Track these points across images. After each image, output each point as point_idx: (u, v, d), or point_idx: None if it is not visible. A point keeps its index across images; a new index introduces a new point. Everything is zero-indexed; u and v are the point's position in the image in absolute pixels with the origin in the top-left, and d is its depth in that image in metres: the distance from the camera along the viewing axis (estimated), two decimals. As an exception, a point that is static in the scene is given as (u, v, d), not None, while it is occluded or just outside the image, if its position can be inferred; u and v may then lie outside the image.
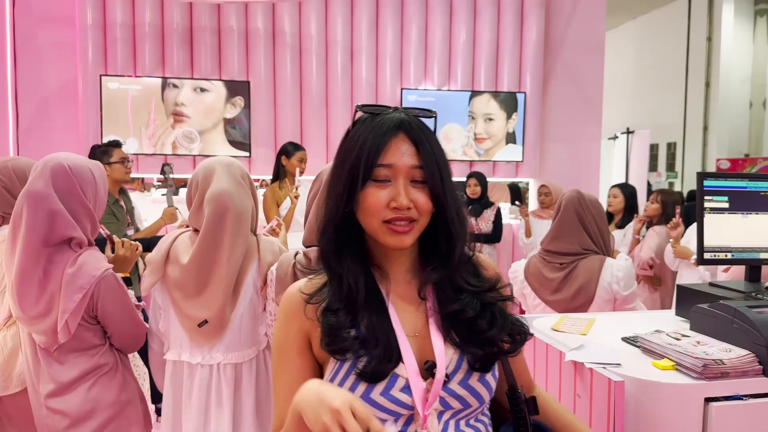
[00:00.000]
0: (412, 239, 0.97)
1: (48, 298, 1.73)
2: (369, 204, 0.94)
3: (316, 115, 5.39)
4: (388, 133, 0.95)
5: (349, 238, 1.00)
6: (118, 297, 1.79)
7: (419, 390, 0.95)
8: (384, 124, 0.96)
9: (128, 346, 1.90)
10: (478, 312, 0.99)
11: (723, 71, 13.20)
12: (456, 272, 1.01)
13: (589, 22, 5.79)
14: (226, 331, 1.93)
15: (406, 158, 0.94)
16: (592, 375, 1.44)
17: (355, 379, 0.94)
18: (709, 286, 1.82)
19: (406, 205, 0.93)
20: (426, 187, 0.95)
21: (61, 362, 1.78)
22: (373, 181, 0.95)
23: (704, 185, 1.75)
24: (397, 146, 0.94)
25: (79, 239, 1.76)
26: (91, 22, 5.01)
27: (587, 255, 2.29)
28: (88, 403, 1.77)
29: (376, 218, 0.95)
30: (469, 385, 0.98)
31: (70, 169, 1.75)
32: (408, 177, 0.95)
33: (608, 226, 2.34)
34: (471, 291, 1.01)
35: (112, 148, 3.40)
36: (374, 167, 0.94)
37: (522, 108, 5.58)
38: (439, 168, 0.96)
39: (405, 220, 0.95)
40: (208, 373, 1.94)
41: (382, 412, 0.94)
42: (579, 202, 2.30)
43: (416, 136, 0.95)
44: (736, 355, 1.38)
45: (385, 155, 0.94)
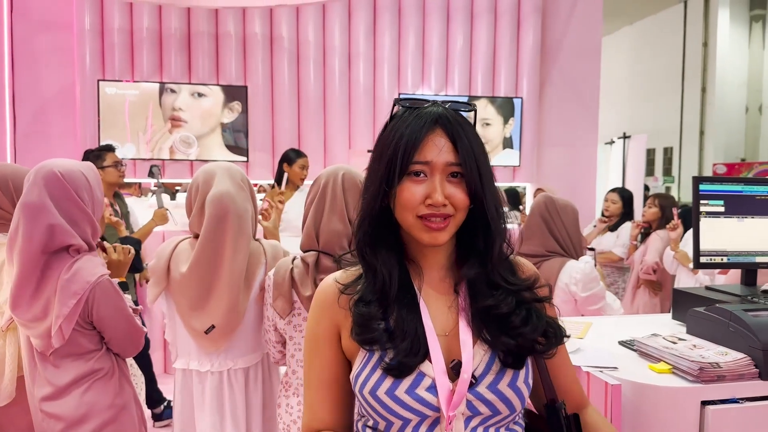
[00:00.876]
0: (447, 236, 0.95)
1: (44, 303, 1.73)
2: (404, 199, 0.93)
3: (314, 120, 5.40)
4: (425, 128, 0.93)
5: (385, 233, 0.99)
6: (113, 302, 1.78)
7: (445, 390, 0.92)
8: (421, 119, 0.94)
9: (126, 350, 1.89)
10: (513, 309, 0.97)
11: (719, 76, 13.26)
12: (494, 269, 0.99)
13: (586, 28, 5.81)
14: (236, 335, 1.93)
15: (443, 154, 0.93)
16: (589, 378, 1.44)
17: (381, 372, 0.93)
18: (706, 290, 1.82)
19: (441, 202, 0.92)
20: (463, 181, 0.94)
21: (57, 366, 1.77)
22: (409, 176, 0.94)
23: (700, 189, 1.76)
24: (434, 141, 0.93)
25: (78, 245, 1.76)
26: (89, 28, 5.02)
27: (551, 257, 2.36)
28: (83, 408, 1.76)
29: (411, 213, 0.94)
30: (499, 389, 0.94)
31: (63, 175, 1.74)
32: (445, 173, 0.94)
33: (580, 230, 2.41)
34: (507, 289, 0.98)
35: (105, 152, 3.39)
36: (411, 163, 0.93)
37: (519, 113, 5.60)
38: (477, 163, 0.94)
39: (440, 216, 0.93)
40: (218, 380, 1.93)
41: (408, 411, 0.93)
42: (546, 207, 2.38)
43: (454, 130, 0.94)
44: (733, 358, 1.39)
45: (421, 151, 0.93)
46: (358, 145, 5.44)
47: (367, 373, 0.95)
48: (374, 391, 0.94)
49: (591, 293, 2.30)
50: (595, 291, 2.31)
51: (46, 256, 1.72)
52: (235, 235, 1.87)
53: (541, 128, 5.81)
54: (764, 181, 1.82)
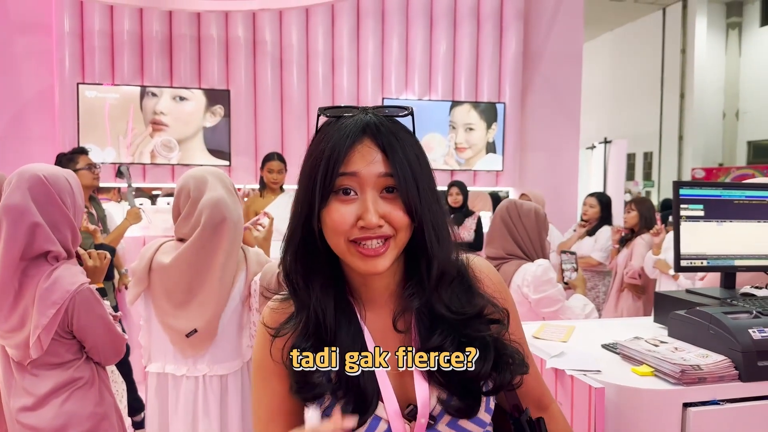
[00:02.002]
0: (388, 261, 0.82)
1: (21, 313, 1.70)
2: (333, 222, 0.80)
3: (297, 124, 5.38)
4: (351, 138, 0.80)
5: (318, 261, 0.86)
6: (94, 311, 1.76)
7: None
8: (346, 128, 0.81)
9: (107, 358, 1.86)
10: (457, 346, 0.85)
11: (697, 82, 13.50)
12: (436, 297, 0.85)
13: (568, 34, 5.88)
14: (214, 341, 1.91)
15: (373, 165, 0.80)
16: (573, 382, 1.45)
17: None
18: (686, 293, 1.85)
19: (375, 224, 0.79)
20: (399, 197, 0.81)
21: (35, 375, 1.74)
22: (336, 195, 0.81)
23: (680, 194, 1.78)
24: (362, 153, 0.80)
25: (57, 253, 1.73)
26: (69, 30, 4.95)
27: (509, 260, 2.40)
28: (61, 418, 1.72)
29: (342, 238, 0.81)
30: (459, 426, 0.86)
31: (47, 179, 1.72)
32: (377, 188, 0.81)
33: (545, 234, 2.45)
34: (452, 320, 0.86)
35: (77, 155, 3.33)
36: (335, 177, 0.80)
37: (502, 118, 5.64)
38: (414, 174, 0.81)
39: (377, 238, 0.80)
40: (194, 385, 1.91)
41: None
42: (507, 211, 2.43)
43: (384, 139, 0.81)
44: (713, 360, 1.40)
45: (347, 163, 0.80)
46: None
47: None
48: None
49: (543, 295, 2.31)
50: (549, 293, 2.32)
51: (24, 263, 1.69)
52: (229, 242, 1.87)
53: (524, 133, 5.86)
54: (743, 185, 1.85)
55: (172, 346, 1.92)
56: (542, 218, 2.46)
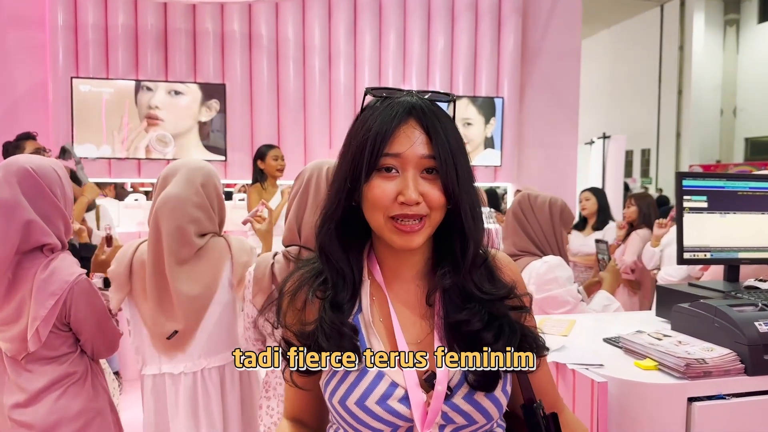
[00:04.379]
0: (422, 239, 0.87)
1: (17, 305, 1.67)
2: (374, 197, 0.85)
3: (294, 119, 5.34)
4: (397, 119, 0.85)
5: (353, 234, 0.91)
6: (92, 302, 1.74)
7: (419, 403, 0.86)
8: (392, 109, 0.86)
9: (100, 351, 1.83)
10: (485, 323, 0.88)
11: (695, 79, 13.51)
12: (468, 278, 0.90)
13: (565, 30, 5.85)
14: (205, 336, 1.87)
15: (417, 147, 0.84)
16: (575, 376, 1.41)
17: (352, 381, 0.87)
18: (689, 286, 1.82)
19: (414, 200, 0.83)
20: (439, 178, 0.86)
21: (30, 371, 1.71)
22: (379, 172, 0.85)
23: (683, 185, 1.75)
24: (407, 133, 0.85)
25: (53, 245, 1.71)
26: (62, 24, 4.90)
27: (522, 256, 2.27)
28: (55, 414, 1.70)
29: (382, 214, 0.85)
30: (475, 400, 0.88)
31: (35, 171, 1.68)
32: (418, 168, 0.85)
33: (561, 228, 2.30)
34: (482, 299, 0.90)
35: (23, 141, 3.25)
36: (380, 156, 0.84)
37: (500, 113, 5.61)
38: (454, 158, 0.85)
39: (413, 217, 0.85)
40: (192, 381, 1.87)
41: (379, 422, 0.86)
42: (520, 206, 2.31)
43: (428, 122, 0.85)
44: (718, 354, 1.37)
45: (392, 143, 0.84)
46: (339, 144, 5.30)
47: (337, 381, 0.89)
48: (344, 401, 0.88)
49: (547, 296, 2.14)
50: (554, 294, 2.14)
51: (17, 256, 1.67)
52: (170, 240, 1.78)
53: (522, 129, 5.83)
54: (746, 176, 1.82)
55: (154, 348, 1.87)
56: (558, 211, 2.30)
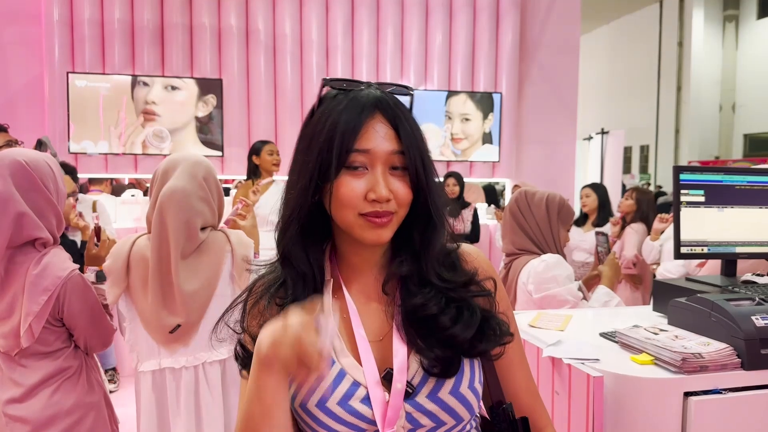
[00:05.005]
0: (390, 233, 0.85)
1: (9, 301, 1.65)
2: (344, 196, 0.82)
3: (291, 114, 5.32)
4: (365, 113, 0.81)
5: (314, 235, 0.88)
6: (85, 298, 1.73)
7: (379, 402, 0.82)
8: (358, 102, 0.82)
9: (94, 346, 1.83)
10: (443, 308, 0.85)
11: (694, 75, 13.49)
12: (428, 266, 0.87)
13: (564, 25, 5.83)
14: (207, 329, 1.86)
15: (385, 143, 0.82)
16: (571, 371, 1.40)
17: (311, 384, 0.82)
18: (686, 281, 1.80)
19: (386, 197, 0.81)
20: (406, 174, 0.84)
21: (24, 366, 1.70)
22: (347, 169, 0.82)
23: (680, 179, 1.73)
24: (375, 128, 0.82)
25: (45, 239, 1.69)
26: (58, 19, 4.87)
27: (521, 255, 2.24)
28: (50, 409, 1.69)
29: (352, 211, 0.82)
30: (440, 398, 0.84)
31: (28, 164, 1.67)
32: (387, 164, 0.82)
33: (558, 226, 2.25)
34: (440, 286, 0.87)
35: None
36: (350, 153, 0.81)
37: (498, 108, 5.59)
38: (421, 153, 0.84)
39: (383, 214, 0.82)
40: (193, 375, 1.86)
41: (341, 425, 0.83)
42: (516, 203, 2.26)
43: (395, 115, 0.83)
44: (715, 348, 1.36)
45: (361, 139, 0.81)
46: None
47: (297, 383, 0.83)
48: (305, 404, 0.84)
49: (546, 294, 2.09)
50: (553, 293, 2.09)
51: (10, 251, 1.65)
52: (177, 234, 1.77)
53: (521, 124, 5.81)
54: (744, 170, 1.81)
55: (156, 343, 1.86)
56: (556, 207, 2.25)
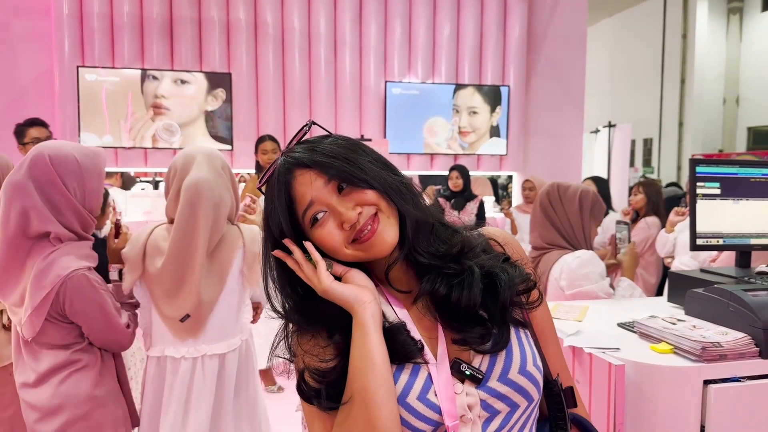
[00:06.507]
0: (391, 232, 0.86)
1: (21, 291, 1.68)
2: (327, 245, 0.86)
3: (299, 108, 5.34)
4: (286, 183, 0.87)
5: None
6: (88, 298, 1.70)
7: (451, 394, 0.84)
8: (279, 180, 0.88)
9: (108, 346, 1.81)
10: (451, 286, 0.86)
11: (697, 68, 13.43)
12: (415, 249, 0.88)
13: (571, 18, 5.83)
14: (213, 322, 1.89)
15: (316, 185, 0.86)
16: (592, 360, 1.44)
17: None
18: (701, 272, 1.83)
19: (354, 218, 0.84)
20: (351, 185, 0.86)
21: (38, 352, 1.73)
22: (313, 226, 0.87)
23: (697, 171, 1.76)
24: (302, 184, 0.86)
25: (57, 233, 1.69)
26: (68, 12, 4.89)
27: (551, 250, 2.21)
28: (57, 398, 1.70)
29: (343, 248, 0.86)
30: (510, 380, 0.85)
31: (51, 159, 1.67)
32: (332, 195, 0.86)
33: (590, 221, 2.21)
34: (434, 265, 0.88)
35: (26, 127, 3.19)
36: (304, 219, 0.87)
37: (506, 101, 5.60)
38: (345, 162, 0.86)
39: (366, 225, 0.85)
40: (191, 366, 1.90)
41: (420, 421, 0.83)
42: (547, 197, 2.23)
43: (305, 160, 0.87)
44: (733, 338, 1.40)
45: (300, 203, 0.86)
46: (344, 133, 5.37)
47: None
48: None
49: (578, 291, 2.07)
50: (586, 290, 2.07)
51: (30, 241, 1.67)
52: (207, 223, 1.82)
53: (528, 117, 5.83)
54: (759, 163, 1.83)
55: (169, 330, 1.90)
56: (589, 203, 2.20)
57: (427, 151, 5.61)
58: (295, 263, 0.87)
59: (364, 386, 0.81)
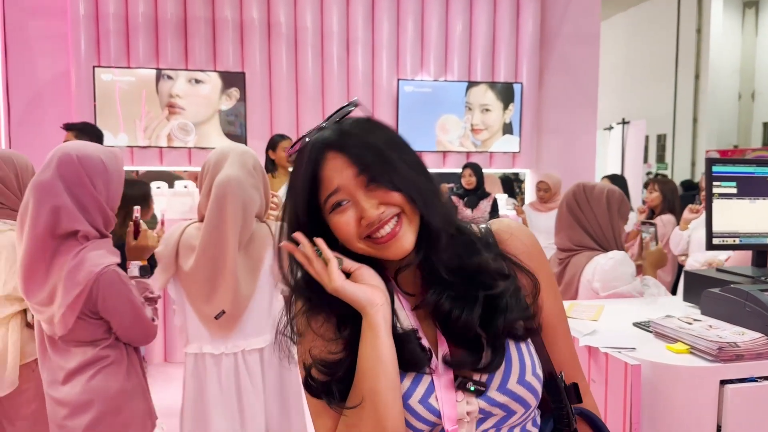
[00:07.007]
0: (410, 237, 0.85)
1: (50, 289, 1.71)
2: (341, 233, 0.85)
3: (312, 106, 5.36)
4: (317, 161, 0.85)
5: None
6: (120, 294, 1.74)
7: (453, 401, 0.86)
8: (310, 155, 0.86)
9: (132, 340, 1.85)
10: (453, 302, 0.86)
11: (712, 63, 13.28)
12: (435, 258, 0.87)
13: (584, 13, 5.80)
14: (246, 318, 1.92)
15: (347, 172, 0.84)
16: (608, 359, 1.44)
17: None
18: (717, 272, 1.83)
19: (376, 217, 0.83)
20: (381, 183, 0.84)
21: (65, 350, 1.76)
22: (333, 211, 0.85)
23: (713, 171, 1.76)
24: (334, 167, 0.84)
25: (86, 232, 1.72)
26: (84, 13, 4.94)
27: (580, 251, 2.19)
28: (86, 394, 1.74)
29: (356, 241, 0.85)
30: (509, 390, 0.87)
31: (79, 159, 1.70)
32: (361, 187, 0.84)
33: (618, 221, 2.18)
34: (449, 280, 0.87)
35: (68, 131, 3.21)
36: (325, 203, 0.85)
37: (519, 98, 5.59)
38: (382, 158, 0.85)
39: (387, 222, 0.84)
40: (233, 362, 1.93)
41: (421, 423, 0.86)
42: (574, 197, 2.20)
43: (342, 143, 0.85)
44: (750, 338, 1.40)
45: (326, 184, 0.84)
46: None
47: None
48: None
49: (613, 293, 2.04)
50: (621, 290, 2.04)
51: (56, 241, 1.70)
52: (236, 222, 1.85)
53: (541, 114, 5.80)
54: (776, 162, 1.83)
55: (204, 327, 1.93)
56: (616, 202, 2.17)
57: (440, 148, 5.62)
58: (305, 258, 0.85)
59: (374, 388, 0.82)
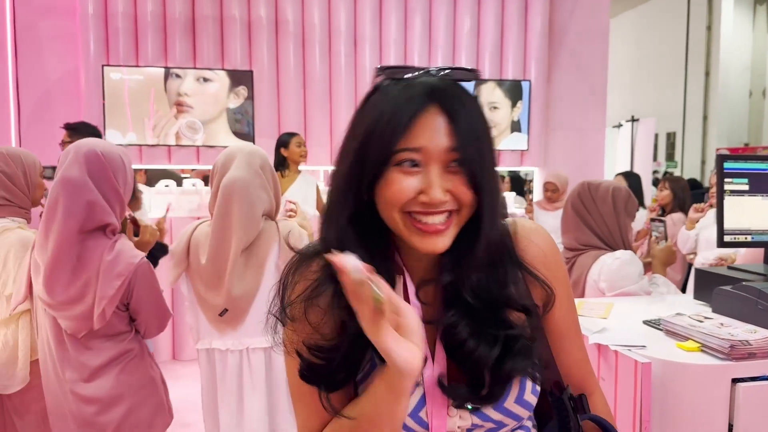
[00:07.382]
0: (449, 240, 0.75)
1: (81, 285, 1.73)
2: (391, 194, 0.73)
3: (320, 105, 5.37)
4: (416, 105, 0.72)
5: (370, 233, 0.78)
6: (150, 284, 1.82)
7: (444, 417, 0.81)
8: (410, 93, 0.73)
9: (151, 331, 1.92)
10: (471, 333, 0.77)
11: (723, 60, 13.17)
12: (467, 279, 0.78)
13: (593, 10, 5.77)
14: (252, 315, 1.94)
15: (441, 138, 0.72)
16: (618, 357, 1.43)
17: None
18: (728, 269, 1.82)
19: (440, 200, 0.72)
20: (464, 170, 0.74)
21: (90, 348, 1.79)
22: (398, 166, 0.73)
23: (724, 167, 1.74)
24: (429, 123, 0.72)
25: (114, 226, 1.78)
26: (93, 12, 4.96)
27: (586, 251, 2.17)
28: (116, 389, 1.79)
29: (398, 210, 0.74)
30: (505, 408, 0.82)
31: (103, 155, 1.76)
32: (443, 162, 0.73)
33: (626, 219, 2.15)
34: (474, 307, 0.78)
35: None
36: (397, 152, 0.72)
37: (527, 96, 5.56)
38: (481, 150, 0.74)
39: (440, 213, 0.73)
40: (238, 359, 1.95)
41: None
42: (579, 197, 2.17)
43: (452, 107, 0.72)
44: (762, 336, 1.38)
45: (412, 135, 0.72)
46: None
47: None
48: None
49: (620, 292, 2.02)
50: (628, 290, 2.02)
51: (82, 236, 1.73)
52: (241, 221, 1.87)
53: (549, 112, 5.77)
54: (789, 159, 1.81)
55: (209, 324, 1.96)
56: (622, 200, 2.14)
57: (448, 146, 5.60)
58: (355, 295, 0.64)
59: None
